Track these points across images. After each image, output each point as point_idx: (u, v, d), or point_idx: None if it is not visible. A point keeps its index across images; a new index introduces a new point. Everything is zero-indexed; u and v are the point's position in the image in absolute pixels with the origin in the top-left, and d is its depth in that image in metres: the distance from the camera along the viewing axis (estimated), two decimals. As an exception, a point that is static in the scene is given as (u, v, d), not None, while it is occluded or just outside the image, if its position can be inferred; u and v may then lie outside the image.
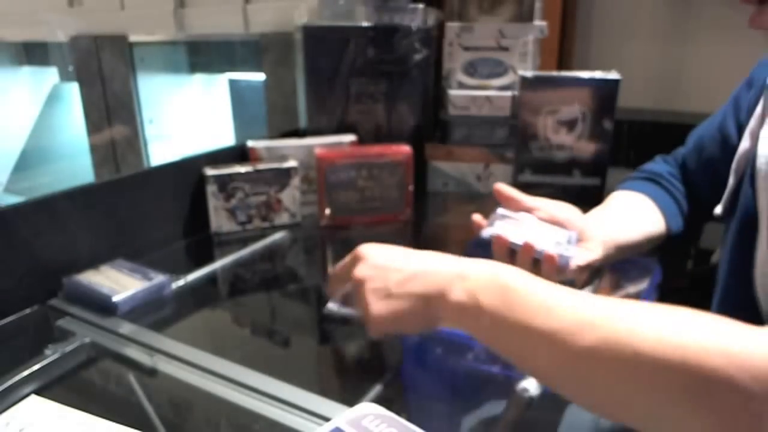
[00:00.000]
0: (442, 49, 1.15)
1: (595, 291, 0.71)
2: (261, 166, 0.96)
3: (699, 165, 0.72)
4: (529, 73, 0.97)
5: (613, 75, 0.93)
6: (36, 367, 0.59)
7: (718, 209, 0.61)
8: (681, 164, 0.76)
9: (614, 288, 0.75)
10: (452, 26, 1.12)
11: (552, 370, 0.38)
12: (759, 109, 0.56)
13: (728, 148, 0.64)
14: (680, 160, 0.77)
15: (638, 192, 0.74)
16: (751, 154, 0.56)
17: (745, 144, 0.58)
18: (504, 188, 0.68)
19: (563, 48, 1.35)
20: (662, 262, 0.80)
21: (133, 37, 1.68)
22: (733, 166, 0.59)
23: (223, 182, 0.94)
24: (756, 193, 0.53)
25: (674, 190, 0.74)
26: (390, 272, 0.49)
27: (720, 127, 0.67)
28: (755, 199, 0.53)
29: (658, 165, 0.79)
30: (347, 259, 0.54)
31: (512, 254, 0.62)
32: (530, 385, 0.53)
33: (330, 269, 0.59)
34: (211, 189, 0.93)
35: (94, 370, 0.63)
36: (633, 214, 0.71)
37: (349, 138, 1.06)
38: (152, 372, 0.61)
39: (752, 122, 0.57)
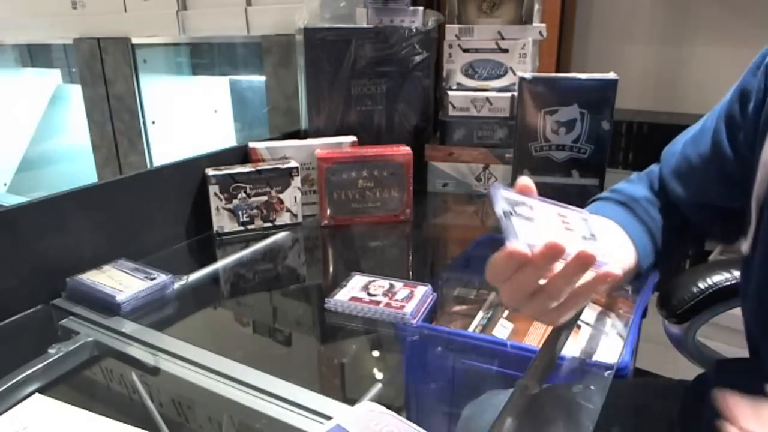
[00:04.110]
0: (441, 51, 1.16)
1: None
2: (262, 167, 0.97)
3: (688, 187, 0.64)
4: (528, 75, 0.97)
5: (611, 76, 0.94)
6: (39, 366, 0.60)
7: (745, 247, 0.55)
8: (660, 186, 0.67)
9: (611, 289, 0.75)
10: (452, 28, 1.13)
11: None
12: None
13: (726, 169, 0.59)
14: (659, 182, 0.68)
15: (609, 218, 0.62)
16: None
17: (760, 175, 0.52)
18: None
19: (562, 50, 1.36)
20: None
21: (136, 39, 1.69)
22: (753, 200, 0.53)
23: (225, 183, 0.94)
24: None
25: (649, 221, 0.64)
26: None
27: (714, 146, 0.60)
28: None
29: (634, 187, 0.68)
30: None
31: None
32: (530, 383, 0.53)
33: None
34: (213, 189, 0.94)
35: (97, 369, 0.64)
36: None
37: (350, 139, 1.07)
38: (155, 371, 0.62)
39: (765, 150, 0.51)
